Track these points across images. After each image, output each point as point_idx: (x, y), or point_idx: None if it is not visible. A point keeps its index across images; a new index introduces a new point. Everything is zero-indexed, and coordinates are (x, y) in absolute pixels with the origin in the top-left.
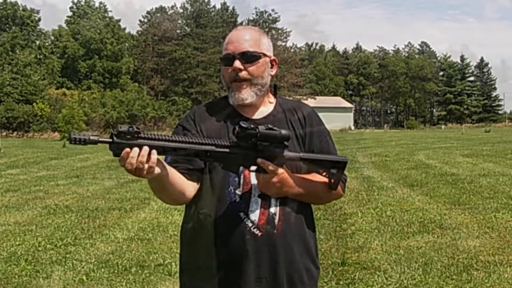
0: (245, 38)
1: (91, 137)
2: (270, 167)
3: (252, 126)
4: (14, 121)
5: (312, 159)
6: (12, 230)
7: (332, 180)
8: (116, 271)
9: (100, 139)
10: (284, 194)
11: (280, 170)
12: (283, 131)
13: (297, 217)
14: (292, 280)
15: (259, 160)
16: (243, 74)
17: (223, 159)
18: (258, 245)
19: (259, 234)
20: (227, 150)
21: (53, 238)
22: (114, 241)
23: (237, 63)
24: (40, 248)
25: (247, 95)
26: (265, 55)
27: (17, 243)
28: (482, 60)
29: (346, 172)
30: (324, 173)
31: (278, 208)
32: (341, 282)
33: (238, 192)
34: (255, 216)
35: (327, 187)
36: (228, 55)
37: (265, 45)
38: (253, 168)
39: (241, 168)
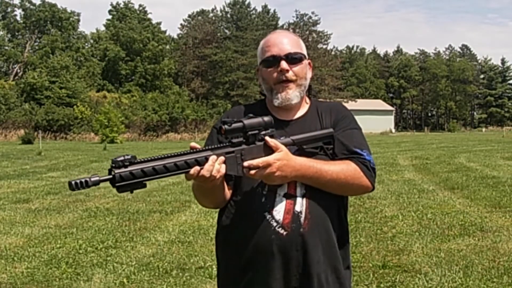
0: (287, 40)
1: (92, 179)
2: (260, 164)
3: (235, 119)
4: (54, 123)
5: (302, 140)
6: (53, 233)
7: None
8: (157, 274)
9: (102, 178)
10: (294, 179)
11: (273, 160)
12: (266, 118)
13: (325, 216)
14: (321, 280)
15: (245, 163)
16: (290, 75)
17: (224, 162)
18: (284, 244)
19: (284, 233)
20: (224, 151)
21: (94, 241)
22: (155, 244)
23: (284, 64)
24: (81, 251)
25: (293, 95)
26: (305, 56)
27: (58, 245)
28: None
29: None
30: (321, 151)
31: (304, 206)
32: (381, 285)
33: (263, 192)
34: (279, 215)
35: (347, 170)
36: (272, 57)
37: (304, 47)
38: (246, 163)
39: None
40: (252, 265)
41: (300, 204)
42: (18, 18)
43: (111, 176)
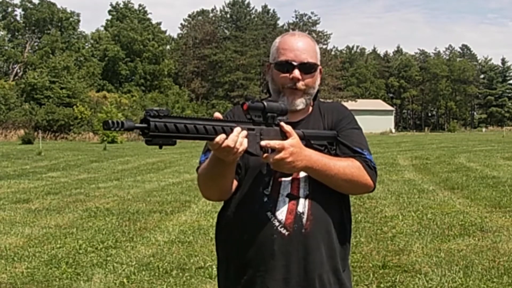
0: (304, 47)
1: (128, 122)
2: (276, 145)
3: (256, 99)
4: (54, 124)
5: (311, 135)
6: (53, 233)
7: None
8: (157, 274)
9: (137, 125)
10: (302, 170)
11: (287, 145)
12: (283, 104)
13: (327, 217)
14: (323, 281)
15: (263, 142)
16: (300, 85)
17: (246, 137)
18: (286, 244)
19: (287, 233)
20: (247, 126)
21: (94, 241)
22: (155, 244)
23: (297, 73)
24: (81, 251)
25: (299, 102)
26: (319, 65)
27: (58, 246)
28: None
29: (376, 165)
30: (325, 150)
31: (306, 207)
32: (382, 285)
33: (266, 192)
34: (282, 215)
35: (353, 166)
36: (287, 62)
37: (318, 55)
38: (263, 143)
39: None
40: (253, 264)
41: (303, 205)
42: (18, 18)
43: (146, 125)
